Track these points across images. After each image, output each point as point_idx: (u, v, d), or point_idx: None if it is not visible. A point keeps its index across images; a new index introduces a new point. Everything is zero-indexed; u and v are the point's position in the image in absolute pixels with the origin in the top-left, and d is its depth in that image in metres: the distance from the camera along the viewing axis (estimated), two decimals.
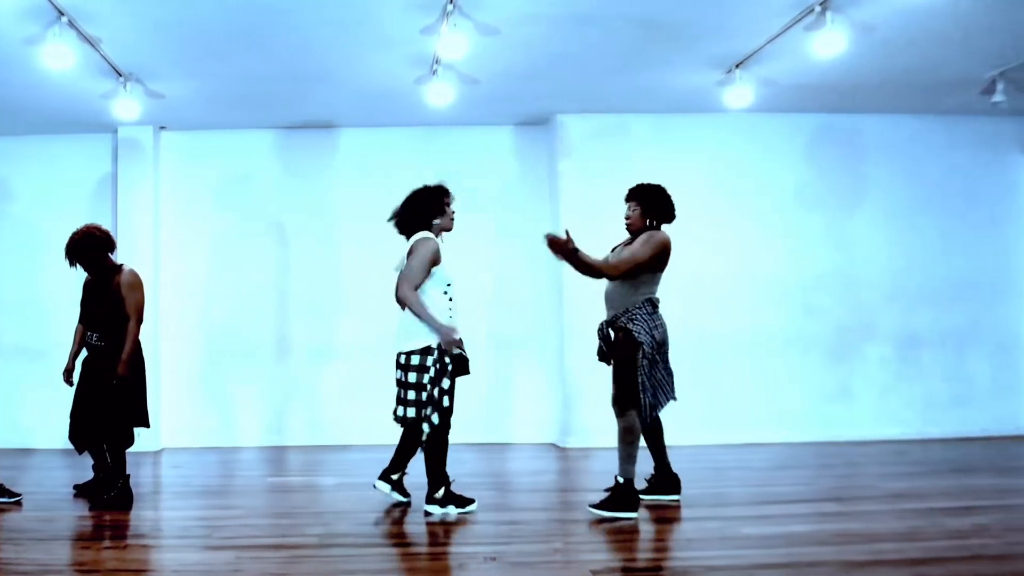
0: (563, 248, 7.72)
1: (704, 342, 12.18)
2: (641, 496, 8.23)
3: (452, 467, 8.41)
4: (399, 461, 8.18)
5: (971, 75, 10.91)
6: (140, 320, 8.49)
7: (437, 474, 7.95)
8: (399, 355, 7.89)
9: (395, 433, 11.21)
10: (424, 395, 7.79)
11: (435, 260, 7.91)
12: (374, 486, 8.13)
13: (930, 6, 8.72)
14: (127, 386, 8.36)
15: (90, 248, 8.59)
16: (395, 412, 7.97)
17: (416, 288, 7.84)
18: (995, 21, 9.20)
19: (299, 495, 9.19)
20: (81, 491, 8.79)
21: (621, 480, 7.73)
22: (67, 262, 8.63)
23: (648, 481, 8.46)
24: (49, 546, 6.94)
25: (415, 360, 7.82)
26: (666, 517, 7.87)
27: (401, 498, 8.18)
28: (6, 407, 12.18)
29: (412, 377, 7.81)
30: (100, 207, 12.58)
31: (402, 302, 7.96)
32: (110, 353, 8.36)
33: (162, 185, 12.76)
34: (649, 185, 8.16)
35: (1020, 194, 12.86)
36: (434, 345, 7.83)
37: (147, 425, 8.69)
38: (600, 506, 7.69)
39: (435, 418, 7.82)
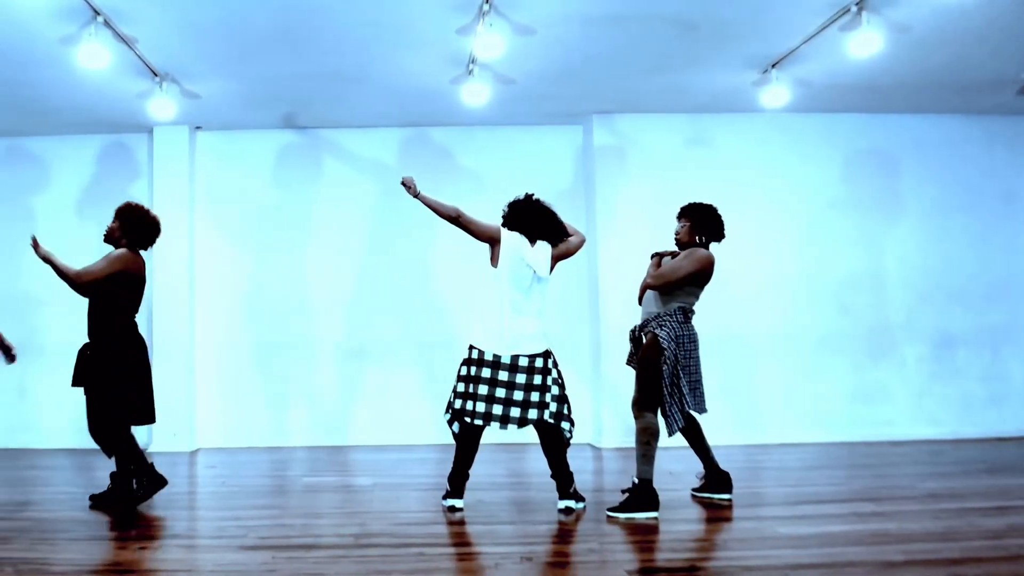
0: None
1: (739, 343, 12.22)
2: (694, 494, 8.48)
3: (488, 467, 8.43)
4: (559, 469, 8.07)
5: (1007, 75, 10.89)
6: (76, 279, 8.12)
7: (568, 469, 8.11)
8: (517, 358, 7.85)
9: (433, 433, 11.48)
10: (548, 396, 7.86)
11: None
12: (567, 510, 7.95)
13: (965, 6, 8.71)
14: (107, 378, 8.12)
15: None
16: (510, 416, 7.83)
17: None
18: None
19: (334, 495, 9.13)
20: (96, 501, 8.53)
21: (637, 481, 7.76)
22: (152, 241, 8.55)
23: (700, 480, 8.54)
24: (85, 546, 6.97)
25: (539, 363, 7.87)
26: (701, 517, 7.87)
27: (581, 504, 8.15)
28: (60, 407, 12.13)
29: (537, 379, 7.83)
30: None
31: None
32: (93, 348, 8.20)
33: (198, 185, 12.79)
34: (701, 204, 8.25)
35: None
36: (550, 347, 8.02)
37: (142, 421, 8.47)
38: (618, 509, 7.72)
39: (573, 416, 8.07)
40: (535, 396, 7.81)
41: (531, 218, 8.02)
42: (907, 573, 5.98)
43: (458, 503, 8.08)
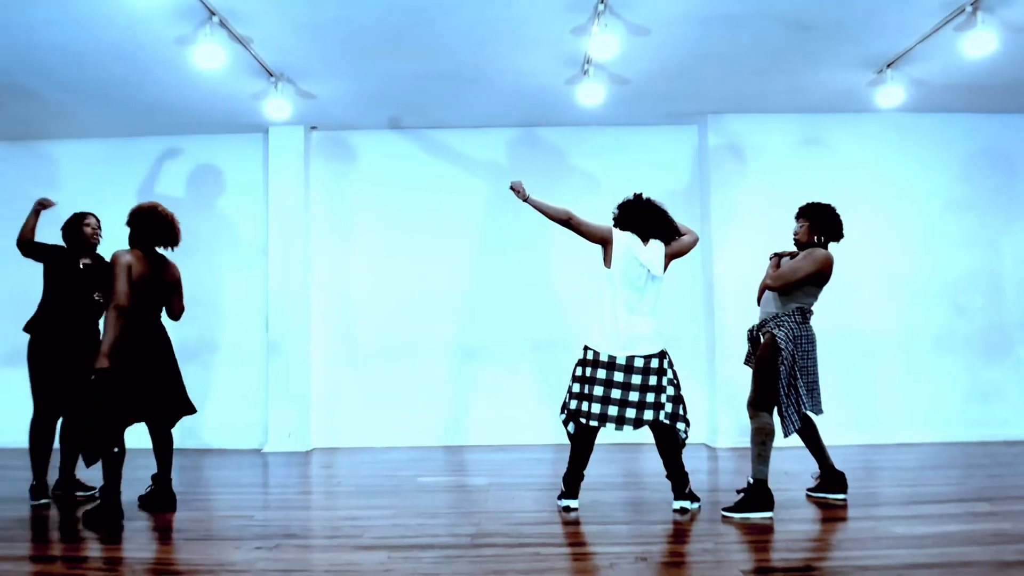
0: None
1: (854, 343, 12.18)
2: (809, 494, 8.48)
3: (603, 467, 8.51)
4: (674, 469, 8.08)
5: None
6: (115, 307, 7.74)
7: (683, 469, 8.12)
8: (632, 359, 7.85)
9: (549, 433, 11.60)
10: (664, 396, 7.87)
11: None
12: (682, 510, 7.97)
13: None
14: (105, 382, 7.71)
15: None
16: (625, 416, 7.84)
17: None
18: None
19: (450, 495, 9.19)
20: (143, 502, 8.49)
21: (752, 481, 7.75)
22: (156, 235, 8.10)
23: (816, 480, 8.54)
24: (200, 546, 7.04)
25: (654, 364, 7.87)
26: (816, 517, 7.84)
27: (697, 504, 8.15)
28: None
29: (652, 380, 7.84)
30: (252, 207, 12.87)
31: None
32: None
33: (313, 185, 12.92)
34: (819, 204, 8.23)
35: None
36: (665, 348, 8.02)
37: (130, 418, 7.96)
38: (733, 509, 7.72)
39: (688, 416, 8.07)
40: (650, 397, 7.82)
41: (643, 217, 8.02)
42: (1023, 573, 5.92)
43: (573, 503, 8.11)
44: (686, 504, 7.96)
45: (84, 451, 7.89)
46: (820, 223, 8.13)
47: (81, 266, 8.98)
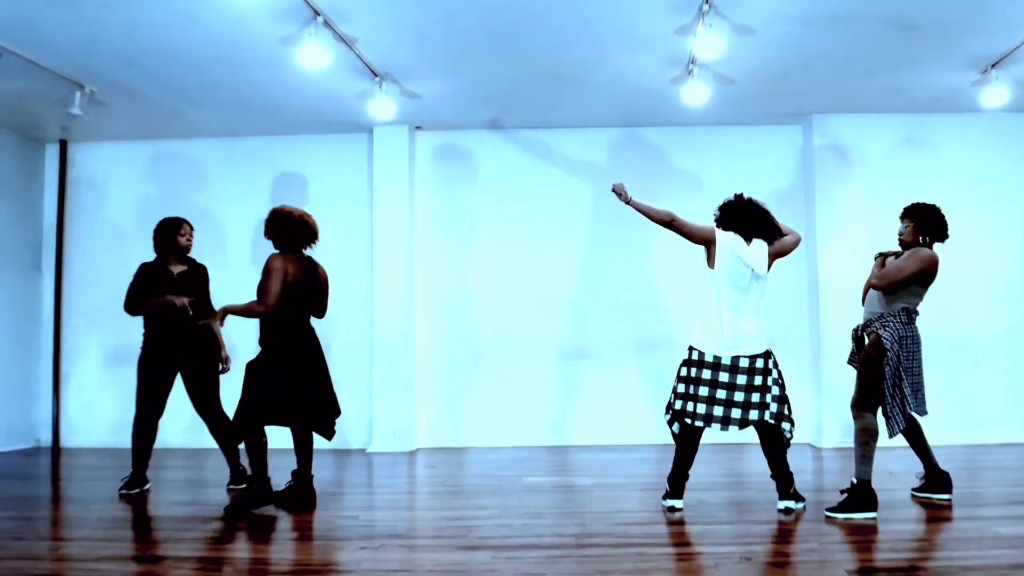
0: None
1: (958, 343, 12.11)
2: (914, 494, 8.45)
3: (707, 467, 8.75)
4: (779, 469, 8.08)
5: None
6: (259, 306, 8.15)
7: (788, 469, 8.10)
8: (738, 359, 7.86)
9: (653, 433, 11.60)
10: (769, 396, 7.88)
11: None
12: (787, 510, 7.95)
13: None
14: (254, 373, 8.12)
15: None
16: (731, 417, 7.85)
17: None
18: None
19: (554, 495, 9.22)
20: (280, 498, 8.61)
21: (856, 481, 7.72)
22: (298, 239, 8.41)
23: (920, 480, 8.50)
24: (305, 546, 7.15)
25: (759, 364, 7.88)
26: (921, 517, 7.81)
27: (801, 504, 8.12)
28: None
29: (757, 380, 7.85)
30: (356, 206, 12.97)
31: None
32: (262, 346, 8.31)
33: (417, 185, 12.99)
34: (924, 204, 8.20)
35: None
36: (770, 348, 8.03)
37: (283, 421, 8.32)
38: (837, 509, 7.69)
39: (793, 416, 8.07)
40: (755, 397, 7.84)
41: (746, 217, 8.03)
42: None
43: (678, 503, 8.14)
44: (791, 504, 7.96)
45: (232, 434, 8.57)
46: (925, 223, 8.10)
47: (176, 276, 9.20)
